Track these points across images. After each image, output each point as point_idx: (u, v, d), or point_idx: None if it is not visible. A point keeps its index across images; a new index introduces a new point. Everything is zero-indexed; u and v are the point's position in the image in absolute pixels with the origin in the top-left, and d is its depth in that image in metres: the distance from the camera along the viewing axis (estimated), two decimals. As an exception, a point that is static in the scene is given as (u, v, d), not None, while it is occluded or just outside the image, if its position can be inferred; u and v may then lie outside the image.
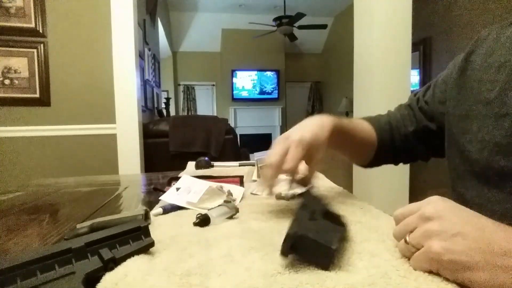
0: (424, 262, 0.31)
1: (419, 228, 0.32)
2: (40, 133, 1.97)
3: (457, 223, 0.31)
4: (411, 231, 0.33)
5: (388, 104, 2.41)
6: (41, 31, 1.94)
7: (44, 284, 0.28)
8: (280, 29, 5.49)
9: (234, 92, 7.06)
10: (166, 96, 6.09)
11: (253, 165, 0.93)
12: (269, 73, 7.19)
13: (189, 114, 7.29)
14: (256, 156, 0.84)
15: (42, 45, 1.94)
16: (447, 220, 0.31)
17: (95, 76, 2.02)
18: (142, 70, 2.86)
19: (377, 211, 0.55)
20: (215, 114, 7.18)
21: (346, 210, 0.56)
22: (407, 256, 0.34)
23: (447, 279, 0.30)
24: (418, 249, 0.32)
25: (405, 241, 0.33)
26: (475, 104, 0.50)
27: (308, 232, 0.33)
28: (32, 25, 1.93)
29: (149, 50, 3.38)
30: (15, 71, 1.93)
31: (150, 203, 0.69)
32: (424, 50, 4.23)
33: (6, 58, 1.91)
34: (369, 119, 0.73)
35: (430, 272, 0.31)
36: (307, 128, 0.54)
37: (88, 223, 0.46)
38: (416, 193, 2.32)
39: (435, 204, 0.33)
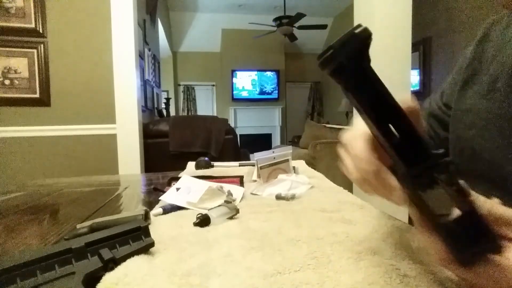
0: None
1: None
2: (40, 133, 1.97)
3: None
4: None
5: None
6: (41, 31, 1.94)
7: (44, 284, 0.28)
8: (280, 29, 5.49)
9: (234, 92, 7.06)
10: (166, 96, 6.09)
11: (253, 165, 0.93)
12: (269, 73, 7.18)
13: (189, 114, 7.28)
14: (256, 156, 0.84)
15: (42, 45, 1.94)
16: None
17: (95, 76, 2.02)
18: (142, 70, 2.86)
19: (377, 211, 0.55)
20: (215, 114, 7.17)
21: (346, 210, 0.56)
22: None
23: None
24: None
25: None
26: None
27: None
28: (32, 25, 1.93)
29: (149, 50, 3.38)
30: (15, 71, 1.93)
31: (150, 203, 0.69)
32: (424, 50, 4.23)
33: (6, 58, 1.91)
34: None
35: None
36: None
37: (88, 223, 0.46)
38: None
39: None
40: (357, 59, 0.23)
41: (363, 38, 0.23)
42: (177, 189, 0.67)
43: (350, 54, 0.23)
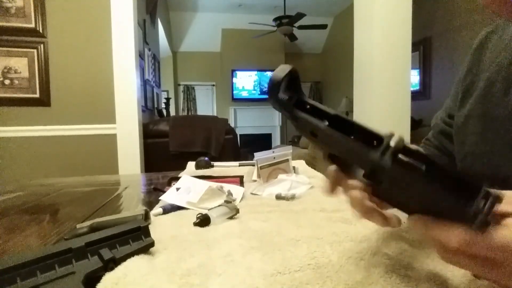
0: None
1: None
2: (40, 133, 1.97)
3: None
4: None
5: (388, 104, 2.39)
6: (41, 31, 1.94)
7: (44, 284, 0.28)
8: (280, 29, 5.49)
9: (234, 92, 7.06)
10: (166, 96, 6.08)
11: (253, 165, 0.93)
12: (269, 73, 7.18)
13: (189, 114, 7.28)
14: (256, 156, 0.84)
15: (42, 45, 1.94)
16: None
17: (95, 76, 2.02)
18: (142, 70, 2.86)
19: (377, 211, 0.55)
20: (215, 114, 7.17)
21: (346, 210, 0.56)
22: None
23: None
24: None
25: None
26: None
27: None
28: (32, 25, 1.92)
29: (149, 50, 3.38)
30: (15, 71, 1.93)
31: (150, 203, 0.69)
32: (424, 50, 4.23)
33: (6, 58, 1.91)
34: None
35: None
36: None
37: (88, 223, 0.46)
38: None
39: None
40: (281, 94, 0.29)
41: (279, 78, 0.28)
42: (177, 189, 0.67)
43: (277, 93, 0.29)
